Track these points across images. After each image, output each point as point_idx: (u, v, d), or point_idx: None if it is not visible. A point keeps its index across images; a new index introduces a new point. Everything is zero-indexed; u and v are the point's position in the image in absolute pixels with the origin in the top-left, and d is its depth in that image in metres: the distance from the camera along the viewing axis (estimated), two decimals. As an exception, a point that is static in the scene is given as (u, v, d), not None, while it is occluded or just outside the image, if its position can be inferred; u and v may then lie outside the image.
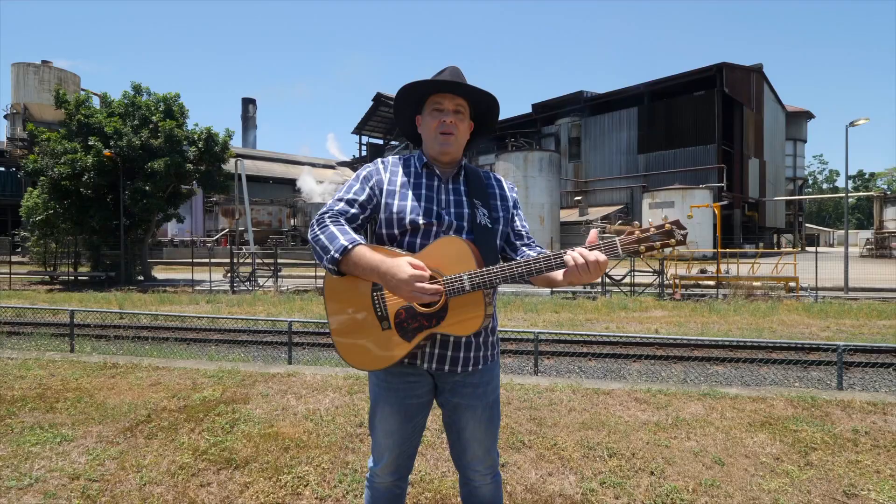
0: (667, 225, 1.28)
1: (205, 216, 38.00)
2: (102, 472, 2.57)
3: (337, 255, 1.30)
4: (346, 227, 1.38)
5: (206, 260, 20.36)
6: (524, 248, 1.54)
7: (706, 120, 32.32)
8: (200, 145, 18.58)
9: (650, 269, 14.97)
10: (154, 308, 11.78)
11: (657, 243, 1.27)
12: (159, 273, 22.03)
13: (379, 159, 1.58)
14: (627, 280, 14.92)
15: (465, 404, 1.51)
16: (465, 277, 1.30)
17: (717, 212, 17.14)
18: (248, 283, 16.87)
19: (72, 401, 3.64)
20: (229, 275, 16.81)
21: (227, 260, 17.37)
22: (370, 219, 1.49)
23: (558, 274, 1.35)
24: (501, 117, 1.67)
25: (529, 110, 41.06)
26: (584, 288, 15.84)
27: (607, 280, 14.85)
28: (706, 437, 2.98)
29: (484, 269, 1.31)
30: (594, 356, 7.25)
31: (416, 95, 1.51)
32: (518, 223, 1.58)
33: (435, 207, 1.46)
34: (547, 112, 40.02)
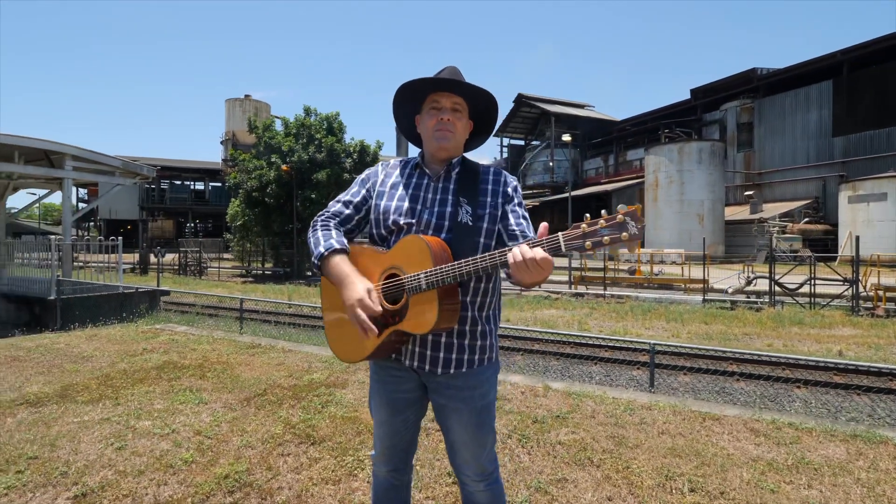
0: (619, 217, 1.08)
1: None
2: (216, 432, 3.09)
3: (316, 262, 1.43)
4: (332, 231, 1.47)
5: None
6: None
7: (939, 87, 25.04)
8: (355, 156, 20.93)
9: (840, 278, 12.17)
10: (313, 300, 13.59)
11: (605, 238, 1.08)
12: (324, 270, 25.34)
13: (381, 162, 1.63)
14: (806, 289, 12.37)
15: (450, 406, 1.48)
16: (423, 276, 1.29)
17: (947, 205, 13.14)
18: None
19: (218, 372, 4.44)
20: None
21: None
22: (366, 218, 1.56)
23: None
24: (653, 107, 1.60)
25: (687, 96, 36.80)
26: (748, 297, 13.58)
27: (777, 289, 12.50)
28: (836, 489, 2.35)
29: (438, 267, 1.27)
30: (743, 377, 6.23)
31: (415, 95, 1.53)
32: (512, 220, 1.47)
33: (419, 207, 1.47)
34: (709, 97, 35.30)
